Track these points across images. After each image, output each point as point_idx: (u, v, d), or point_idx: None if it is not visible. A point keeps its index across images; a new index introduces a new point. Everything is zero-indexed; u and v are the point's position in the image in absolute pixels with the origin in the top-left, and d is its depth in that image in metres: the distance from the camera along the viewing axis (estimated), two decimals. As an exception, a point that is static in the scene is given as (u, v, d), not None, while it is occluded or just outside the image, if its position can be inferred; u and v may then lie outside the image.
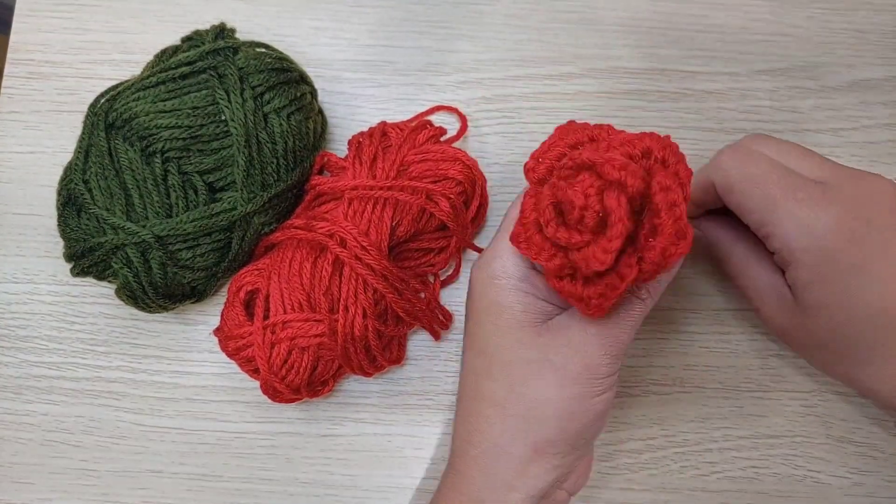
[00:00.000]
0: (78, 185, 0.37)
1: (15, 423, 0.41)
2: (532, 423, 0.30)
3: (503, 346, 0.31)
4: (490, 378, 0.31)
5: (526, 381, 0.30)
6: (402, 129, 0.41)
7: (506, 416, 0.30)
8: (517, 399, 0.30)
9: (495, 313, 0.31)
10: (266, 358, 0.36)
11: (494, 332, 0.31)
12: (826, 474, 0.41)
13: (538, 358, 0.30)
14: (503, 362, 0.31)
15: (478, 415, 0.31)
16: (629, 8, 0.46)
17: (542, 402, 0.30)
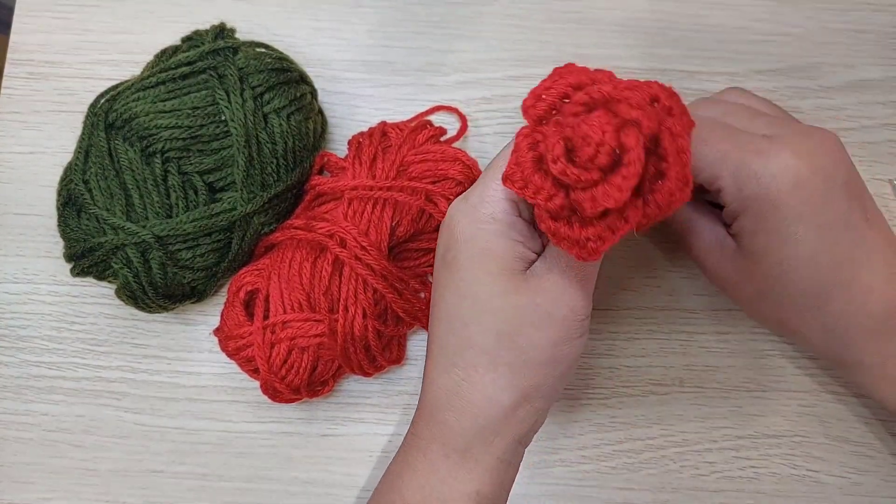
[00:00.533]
0: (78, 186, 0.37)
1: (15, 422, 0.41)
2: (522, 370, 0.30)
3: (494, 294, 0.30)
4: (479, 325, 0.31)
5: (517, 328, 0.30)
6: (401, 129, 0.41)
7: (497, 364, 0.30)
8: (507, 346, 0.30)
9: (486, 259, 0.31)
10: (266, 358, 0.36)
11: (484, 280, 0.31)
12: (825, 474, 0.41)
13: (527, 304, 0.30)
14: (493, 309, 0.30)
15: (466, 363, 0.31)
16: (628, 8, 0.46)
17: (532, 347, 0.30)
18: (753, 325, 0.42)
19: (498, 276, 0.30)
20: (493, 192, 0.31)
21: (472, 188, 0.32)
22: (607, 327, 0.42)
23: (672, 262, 0.43)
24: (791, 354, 0.42)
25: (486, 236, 0.31)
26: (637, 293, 0.43)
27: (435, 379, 0.32)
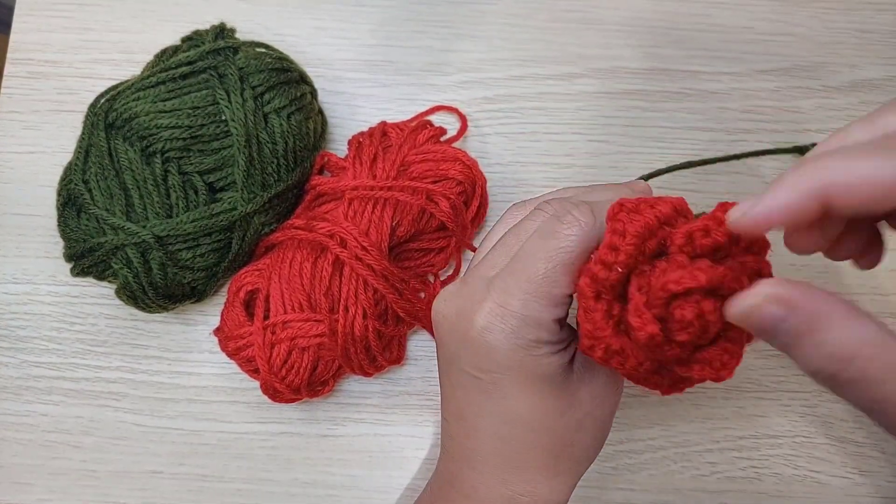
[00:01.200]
0: (78, 186, 0.37)
1: (15, 423, 0.41)
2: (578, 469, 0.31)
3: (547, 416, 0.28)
4: (534, 448, 0.29)
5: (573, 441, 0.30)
6: (402, 128, 0.41)
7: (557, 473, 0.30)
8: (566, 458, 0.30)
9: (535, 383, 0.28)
10: (266, 358, 0.36)
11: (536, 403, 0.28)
12: (827, 474, 0.41)
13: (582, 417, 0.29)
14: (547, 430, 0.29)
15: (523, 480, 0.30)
16: (631, 7, 0.46)
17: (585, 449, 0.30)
18: (755, 325, 0.42)
19: (548, 397, 0.28)
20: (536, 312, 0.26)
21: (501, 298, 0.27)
22: (609, 328, 0.42)
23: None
24: (793, 355, 0.42)
25: (536, 361, 0.27)
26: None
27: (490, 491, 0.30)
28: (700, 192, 0.43)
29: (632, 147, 0.44)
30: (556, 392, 0.28)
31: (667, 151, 0.44)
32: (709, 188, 0.43)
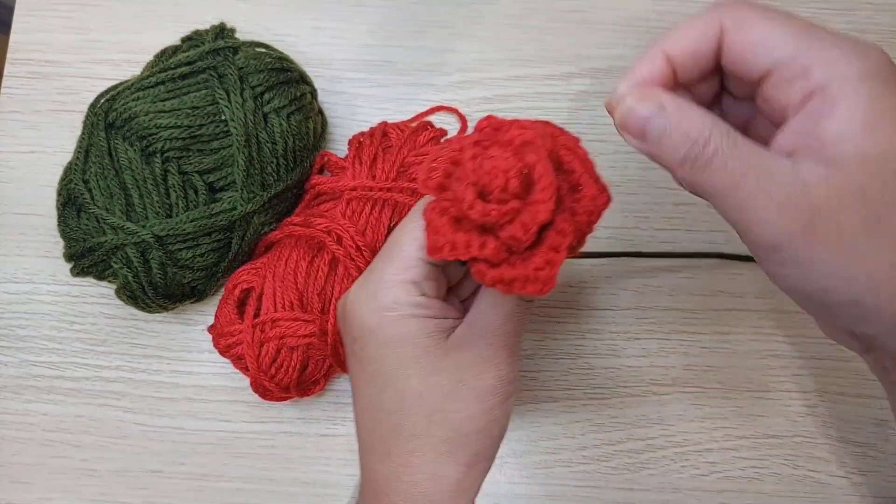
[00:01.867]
0: (78, 185, 0.37)
1: (15, 422, 0.41)
2: (460, 443, 0.30)
3: (412, 377, 0.30)
4: (404, 412, 0.30)
5: (444, 406, 0.30)
6: (402, 129, 0.41)
7: (433, 443, 0.30)
8: (440, 425, 0.30)
9: (397, 346, 0.30)
10: (255, 356, 0.36)
11: (400, 366, 0.30)
12: (826, 474, 0.41)
13: (452, 382, 0.30)
14: (417, 393, 0.30)
15: (401, 450, 0.30)
16: (629, 7, 0.46)
17: (465, 420, 0.30)
18: (754, 324, 0.42)
19: (413, 361, 0.30)
20: (390, 276, 0.30)
21: (365, 276, 0.31)
22: (608, 327, 0.42)
23: (672, 263, 0.43)
24: (793, 354, 0.42)
25: (392, 323, 0.30)
26: (637, 293, 0.42)
27: (372, 467, 0.32)
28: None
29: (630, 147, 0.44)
30: (421, 356, 0.30)
31: (666, 151, 0.44)
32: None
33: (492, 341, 0.30)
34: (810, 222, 0.24)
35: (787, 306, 0.42)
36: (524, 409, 0.41)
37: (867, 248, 0.24)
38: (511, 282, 0.27)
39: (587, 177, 0.26)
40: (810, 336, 0.42)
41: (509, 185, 0.26)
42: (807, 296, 0.26)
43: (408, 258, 0.30)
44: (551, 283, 0.26)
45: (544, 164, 0.25)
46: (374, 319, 0.30)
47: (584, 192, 0.26)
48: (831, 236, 0.24)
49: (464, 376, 0.30)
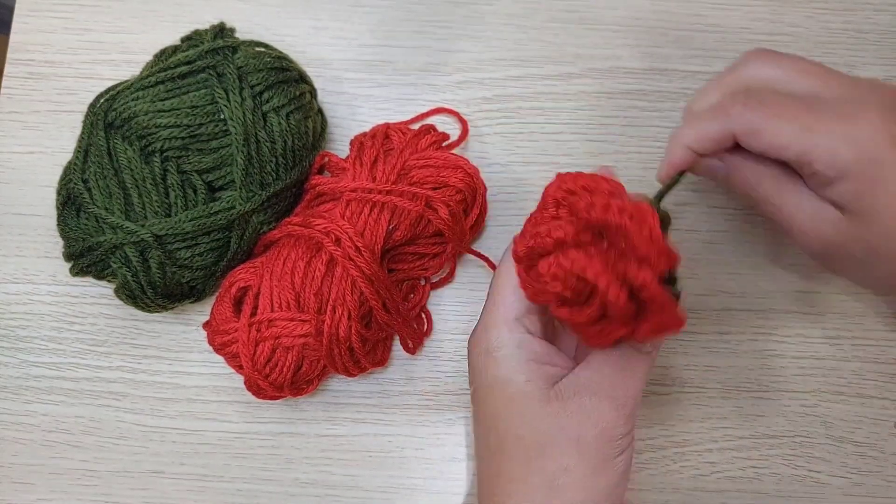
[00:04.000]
0: (77, 185, 0.37)
1: (15, 423, 0.41)
2: (557, 493, 0.29)
3: (513, 421, 0.30)
4: (505, 455, 0.30)
5: (542, 452, 0.29)
6: (404, 132, 0.40)
7: (530, 489, 0.30)
8: (537, 472, 0.30)
9: (500, 388, 0.30)
10: (250, 355, 0.36)
11: (502, 408, 0.30)
12: (826, 474, 0.41)
13: (551, 428, 0.29)
14: (516, 437, 0.30)
15: (501, 493, 0.30)
16: (629, 7, 0.46)
17: (562, 472, 0.29)
18: (754, 325, 0.42)
19: (515, 403, 0.30)
20: (492, 317, 0.31)
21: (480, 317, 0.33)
22: (608, 327, 0.42)
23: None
24: (793, 355, 0.42)
25: (496, 363, 0.30)
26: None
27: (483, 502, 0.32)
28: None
29: (630, 147, 0.44)
30: (524, 399, 0.30)
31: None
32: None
33: (596, 392, 0.29)
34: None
35: (787, 306, 0.42)
36: (524, 409, 0.41)
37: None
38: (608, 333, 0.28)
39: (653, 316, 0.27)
40: (810, 336, 0.42)
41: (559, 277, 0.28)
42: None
43: (507, 297, 0.31)
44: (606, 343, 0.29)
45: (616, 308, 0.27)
46: (481, 361, 0.31)
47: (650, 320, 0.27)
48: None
49: (563, 425, 0.29)
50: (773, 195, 0.34)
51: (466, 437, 0.41)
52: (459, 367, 0.41)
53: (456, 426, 0.41)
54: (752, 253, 0.43)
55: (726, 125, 0.32)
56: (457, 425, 0.41)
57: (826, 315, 0.42)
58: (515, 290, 0.32)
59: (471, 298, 0.42)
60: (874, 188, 0.30)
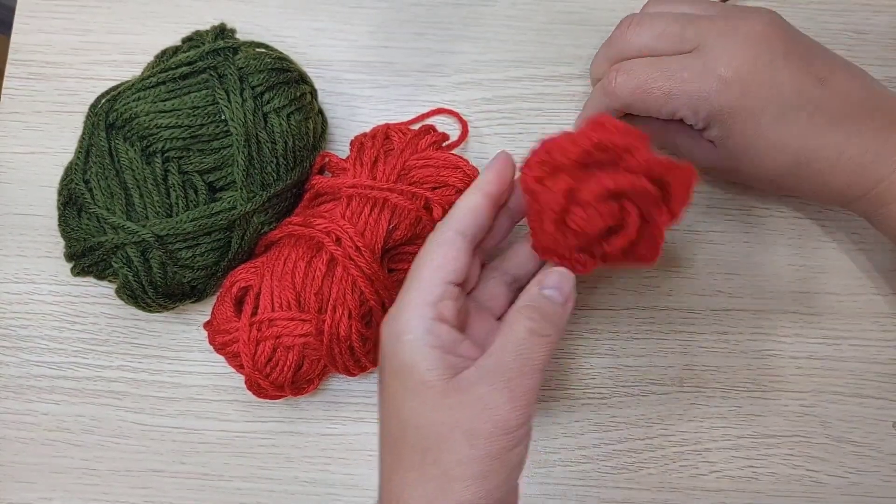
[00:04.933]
0: (78, 185, 0.37)
1: (16, 422, 0.41)
2: (451, 486, 0.29)
3: (414, 410, 0.30)
4: (405, 443, 0.30)
5: (439, 444, 0.29)
6: (404, 133, 0.41)
7: (425, 480, 0.30)
8: (433, 463, 0.29)
9: (404, 375, 0.30)
10: (251, 355, 0.36)
11: (404, 396, 0.30)
12: (824, 474, 0.41)
13: (447, 420, 0.29)
14: (416, 426, 0.30)
15: (399, 480, 0.30)
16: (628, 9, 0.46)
17: (457, 464, 0.29)
18: (754, 325, 0.42)
19: (417, 392, 0.30)
20: (408, 300, 0.31)
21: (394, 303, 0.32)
22: (607, 327, 0.42)
23: (672, 262, 0.43)
24: (791, 354, 0.42)
25: (402, 349, 0.30)
26: (637, 293, 0.43)
27: (381, 487, 0.32)
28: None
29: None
30: (425, 389, 0.30)
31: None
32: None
33: (494, 383, 0.29)
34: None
35: (786, 306, 0.42)
36: (524, 408, 0.41)
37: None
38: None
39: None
40: (809, 336, 0.42)
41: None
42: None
43: (424, 279, 0.31)
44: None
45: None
46: (389, 346, 0.31)
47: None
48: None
49: (459, 419, 0.29)
50: (666, 140, 0.41)
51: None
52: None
53: (455, 426, 0.41)
54: (752, 253, 0.43)
55: (610, 104, 0.38)
56: (456, 425, 0.41)
57: (824, 315, 0.42)
58: (435, 272, 0.32)
59: (470, 298, 0.42)
60: (732, 134, 0.36)
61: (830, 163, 0.35)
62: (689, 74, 0.35)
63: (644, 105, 0.37)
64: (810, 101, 0.35)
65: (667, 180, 0.31)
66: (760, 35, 0.35)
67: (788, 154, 0.35)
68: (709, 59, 0.35)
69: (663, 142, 0.41)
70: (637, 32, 0.38)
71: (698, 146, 0.38)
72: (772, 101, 0.35)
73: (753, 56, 0.35)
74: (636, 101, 0.37)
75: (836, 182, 0.36)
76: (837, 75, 0.36)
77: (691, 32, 0.36)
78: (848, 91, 0.35)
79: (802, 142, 0.35)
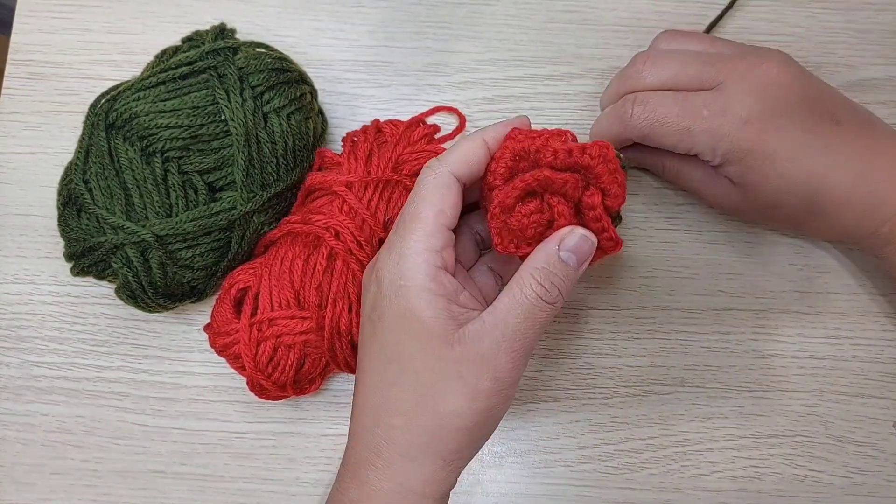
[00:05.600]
0: (78, 185, 0.37)
1: (16, 423, 0.41)
2: (441, 435, 0.30)
3: (415, 356, 0.30)
4: (399, 387, 0.30)
5: (436, 393, 0.30)
6: (396, 125, 0.41)
7: (415, 426, 0.30)
8: (426, 410, 0.30)
9: (407, 320, 0.30)
10: (252, 355, 0.36)
11: (407, 341, 0.30)
12: (827, 474, 0.41)
13: (449, 371, 0.30)
14: (414, 371, 0.30)
15: (386, 425, 0.31)
16: (629, 8, 0.46)
17: (452, 414, 0.30)
18: (754, 325, 0.42)
19: (420, 338, 0.30)
20: (412, 243, 0.31)
21: (388, 245, 0.32)
22: (608, 327, 0.42)
23: (672, 262, 0.43)
24: (793, 354, 0.42)
25: (409, 294, 0.30)
26: (637, 293, 0.42)
27: (359, 434, 0.32)
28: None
29: (631, 147, 0.44)
30: (428, 336, 0.30)
31: (666, 151, 0.44)
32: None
33: (498, 341, 0.30)
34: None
35: (787, 306, 0.42)
36: (525, 408, 0.41)
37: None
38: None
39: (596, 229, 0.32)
40: (810, 336, 0.42)
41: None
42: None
43: (428, 224, 0.31)
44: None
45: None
46: (391, 290, 0.31)
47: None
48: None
49: (462, 371, 0.30)
50: (677, 177, 0.41)
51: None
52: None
53: (456, 426, 0.41)
54: (752, 253, 0.43)
55: (622, 133, 0.38)
56: (457, 425, 0.41)
57: (826, 315, 0.42)
58: (437, 217, 0.31)
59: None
60: (749, 171, 0.36)
61: (841, 202, 0.36)
62: (708, 112, 0.36)
63: (660, 139, 0.37)
64: (825, 140, 0.36)
65: (583, 163, 0.32)
66: (778, 77, 0.36)
67: (803, 192, 0.36)
68: (729, 98, 0.36)
69: (679, 179, 0.41)
70: (652, 71, 0.38)
71: (714, 183, 0.39)
72: (788, 141, 0.35)
73: (773, 98, 0.36)
74: (652, 135, 0.37)
75: (847, 220, 0.37)
76: (849, 116, 0.37)
77: (709, 73, 0.37)
78: (859, 132, 0.37)
79: (817, 179, 0.36)
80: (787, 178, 0.36)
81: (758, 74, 0.36)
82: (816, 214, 0.37)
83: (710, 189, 0.39)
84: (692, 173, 0.40)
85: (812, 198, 0.36)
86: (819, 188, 0.36)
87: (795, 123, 0.36)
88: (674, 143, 0.36)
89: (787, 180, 0.36)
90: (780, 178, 0.36)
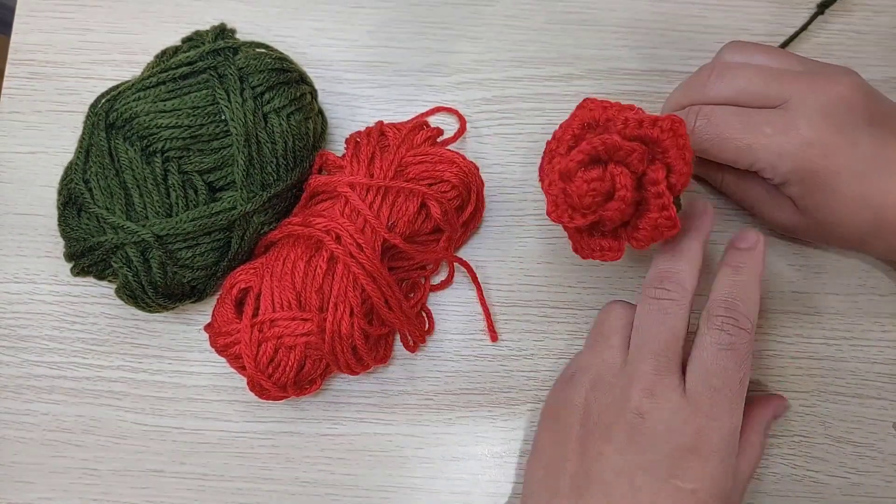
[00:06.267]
0: (78, 185, 0.37)
1: (16, 422, 0.41)
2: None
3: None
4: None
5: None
6: (399, 129, 0.41)
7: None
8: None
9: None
10: (252, 356, 0.36)
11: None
12: (825, 474, 0.41)
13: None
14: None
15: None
16: (629, 9, 0.46)
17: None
18: (753, 325, 0.42)
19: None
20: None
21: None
22: (607, 327, 0.42)
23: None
24: (792, 354, 0.42)
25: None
26: (637, 293, 0.43)
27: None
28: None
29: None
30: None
31: (665, 152, 0.44)
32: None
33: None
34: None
35: (786, 306, 0.42)
36: (525, 408, 0.41)
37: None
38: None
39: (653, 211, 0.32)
40: (809, 336, 0.42)
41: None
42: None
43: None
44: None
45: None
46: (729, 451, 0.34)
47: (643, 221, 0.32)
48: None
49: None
50: (736, 192, 0.41)
51: (466, 436, 0.41)
52: (459, 367, 0.42)
53: (455, 426, 0.41)
54: (752, 253, 0.43)
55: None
56: (456, 425, 0.41)
57: (824, 315, 0.42)
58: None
59: (469, 298, 0.42)
60: (811, 192, 0.36)
61: None
62: (771, 130, 0.36)
63: (721, 154, 0.37)
64: (890, 161, 0.35)
65: (652, 136, 0.31)
66: (845, 98, 0.36)
67: (868, 212, 0.36)
68: (793, 117, 0.35)
69: (738, 194, 0.41)
70: (717, 85, 0.38)
71: (774, 201, 0.39)
72: (852, 163, 0.35)
73: (838, 119, 0.35)
74: (713, 149, 0.37)
75: None
76: None
77: (775, 89, 0.36)
78: None
79: (882, 200, 0.35)
80: (850, 199, 0.36)
81: (825, 94, 0.36)
82: (881, 237, 0.37)
83: (770, 207, 0.39)
84: (752, 189, 0.40)
85: (877, 219, 0.36)
86: (884, 209, 0.36)
87: (861, 144, 0.35)
88: (734, 158, 0.36)
89: (851, 201, 0.36)
90: (843, 199, 0.36)
